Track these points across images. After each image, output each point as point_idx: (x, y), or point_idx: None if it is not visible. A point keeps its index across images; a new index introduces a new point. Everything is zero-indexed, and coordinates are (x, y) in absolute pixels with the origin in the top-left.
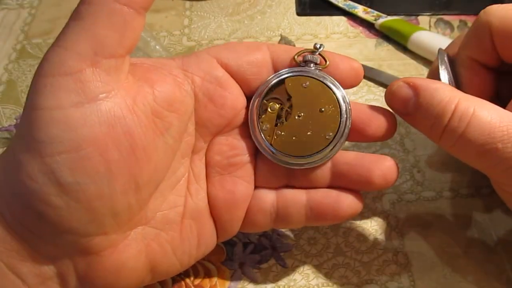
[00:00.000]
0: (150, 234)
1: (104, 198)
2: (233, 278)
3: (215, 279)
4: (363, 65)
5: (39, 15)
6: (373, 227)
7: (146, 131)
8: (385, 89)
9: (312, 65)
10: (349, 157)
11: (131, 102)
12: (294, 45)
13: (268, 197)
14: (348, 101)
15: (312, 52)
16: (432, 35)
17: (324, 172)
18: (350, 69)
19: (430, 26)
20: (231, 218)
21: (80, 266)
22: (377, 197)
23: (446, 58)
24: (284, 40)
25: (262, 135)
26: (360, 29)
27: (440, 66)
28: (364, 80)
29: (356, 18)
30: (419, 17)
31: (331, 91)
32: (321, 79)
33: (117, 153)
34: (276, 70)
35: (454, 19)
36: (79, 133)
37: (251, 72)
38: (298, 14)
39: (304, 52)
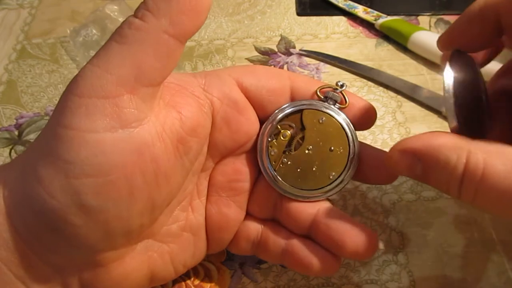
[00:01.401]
0: (153, 246)
1: (122, 220)
2: (233, 278)
3: (215, 279)
4: (363, 65)
5: (39, 15)
6: (373, 227)
7: (170, 157)
8: (385, 90)
9: (332, 102)
10: (331, 215)
11: (160, 129)
12: (294, 46)
13: (255, 227)
14: (358, 145)
15: (334, 89)
16: (432, 35)
17: (307, 218)
18: (365, 112)
19: (430, 26)
20: (221, 237)
21: (86, 277)
22: (377, 197)
23: (453, 59)
24: (284, 40)
25: (269, 159)
26: (360, 29)
27: (445, 73)
28: (364, 80)
29: (356, 18)
30: (419, 17)
31: (344, 132)
32: (338, 119)
33: (142, 179)
34: (293, 100)
35: (454, 19)
36: (109, 159)
37: (268, 100)
38: (298, 14)
39: (326, 88)
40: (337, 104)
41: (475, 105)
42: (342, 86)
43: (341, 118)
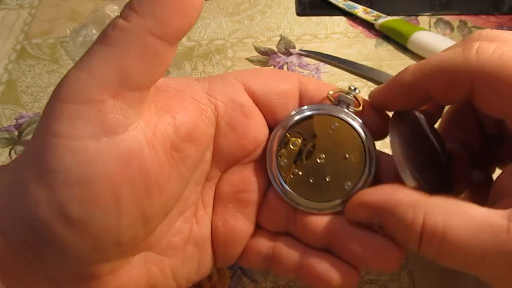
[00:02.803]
0: (152, 259)
1: (111, 231)
2: (233, 278)
3: (215, 279)
4: (363, 65)
5: (39, 15)
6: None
7: (162, 165)
8: None
9: (345, 106)
10: (352, 228)
11: (150, 135)
12: (294, 46)
13: (266, 241)
14: (375, 152)
15: (347, 92)
16: (432, 35)
17: (326, 231)
18: (378, 121)
19: (430, 26)
20: (228, 251)
21: None
22: None
23: (399, 124)
24: (284, 40)
25: (278, 170)
26: (360, 29)
27: (390, 136)
28: (364, 80)
29: (356, 18)
30: (419, 17)
31: (359, 138)
32: (352, 123)
33: (129, 189)
34: (301, 103)
35: (454, 19)
36: (92, 167)
37: (277, 103)
38: (298, 14)
39: (338, 92)
40: (350, 107)
41: (428, 160)
42: (355, 90)
43: (355, 122)
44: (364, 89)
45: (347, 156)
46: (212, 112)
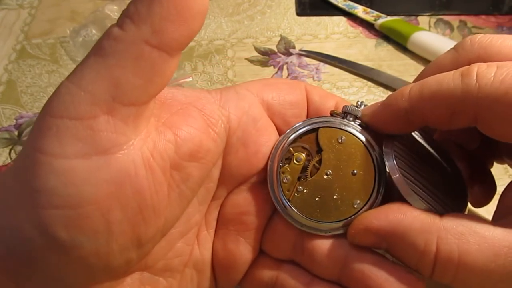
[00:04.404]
0: (148, 279)
1: (100, 256)
2: None
3: None
4: (362, 65)
5: (39, 15)
6: None
7: (160, 187)
8: (385, 90)
9: (352, 118)
10: (366, 259)
11: (147, 155)
12: (294, 46)
13: (270, 269)
14: (385, 167)
15: (356, 106)
16: (432, 35)
17: (337, 261)
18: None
19: (430, 26)
20: (228, 277)
21: None
22: None
23: (393, 146)
24: (284, 41)
25: (281, 188)
26: (360, 29)
27: (385, 157)
28: (363, 80)
29: (356, 18)
30: (419, 17)
31: (368, 153)
32: (360, 136)
33: (121, 214)
34: (307, 114)
35: (454, 19)
36: (80, 190)
37: (292, 114)
38: (298, 14)
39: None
40: (357, 120)
41: (433, 175)
42: (361, 105)
43: (363, 135)
44: (364, 89)
45: (356, 172)
46: (223, 126)
